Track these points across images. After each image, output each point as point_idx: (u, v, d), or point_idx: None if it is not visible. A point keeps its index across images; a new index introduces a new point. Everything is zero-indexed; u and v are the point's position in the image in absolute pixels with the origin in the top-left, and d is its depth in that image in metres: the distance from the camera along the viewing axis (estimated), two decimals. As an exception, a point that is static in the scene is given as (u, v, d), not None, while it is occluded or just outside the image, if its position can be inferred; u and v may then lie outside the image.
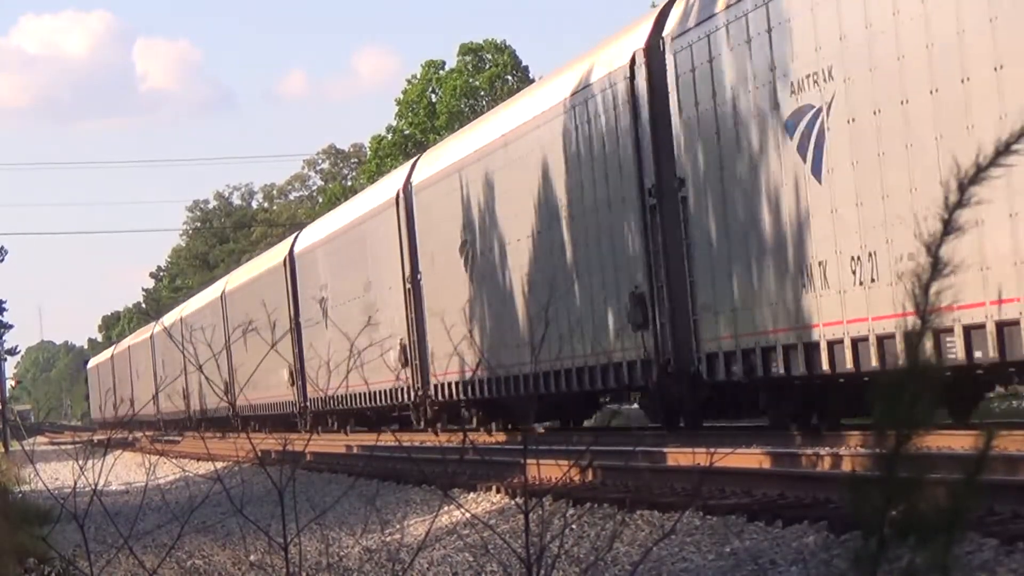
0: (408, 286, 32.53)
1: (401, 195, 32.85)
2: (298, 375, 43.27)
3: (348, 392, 34.71)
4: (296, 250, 44.03)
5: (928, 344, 2.12)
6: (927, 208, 14.43)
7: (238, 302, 51.60)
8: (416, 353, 32.36)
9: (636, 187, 21.54)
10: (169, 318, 68.77)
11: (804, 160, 17.25)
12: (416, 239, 32.19)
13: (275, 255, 48.73)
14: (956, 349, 14.60)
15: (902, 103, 15.41)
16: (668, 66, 20.44)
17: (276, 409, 46.62)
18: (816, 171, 17.05)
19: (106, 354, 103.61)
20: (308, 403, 42.63)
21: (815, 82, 16.87)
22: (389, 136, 78.07)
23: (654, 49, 20.99)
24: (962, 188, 1.92)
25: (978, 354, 14.44)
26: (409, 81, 78.18)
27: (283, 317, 42.21)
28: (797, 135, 17.33)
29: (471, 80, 75.42)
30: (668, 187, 20.68)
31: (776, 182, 17.89)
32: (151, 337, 72.28)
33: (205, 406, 58.64)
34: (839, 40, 16.39)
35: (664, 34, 20.65)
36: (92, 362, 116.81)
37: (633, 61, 21.45)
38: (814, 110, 16.96)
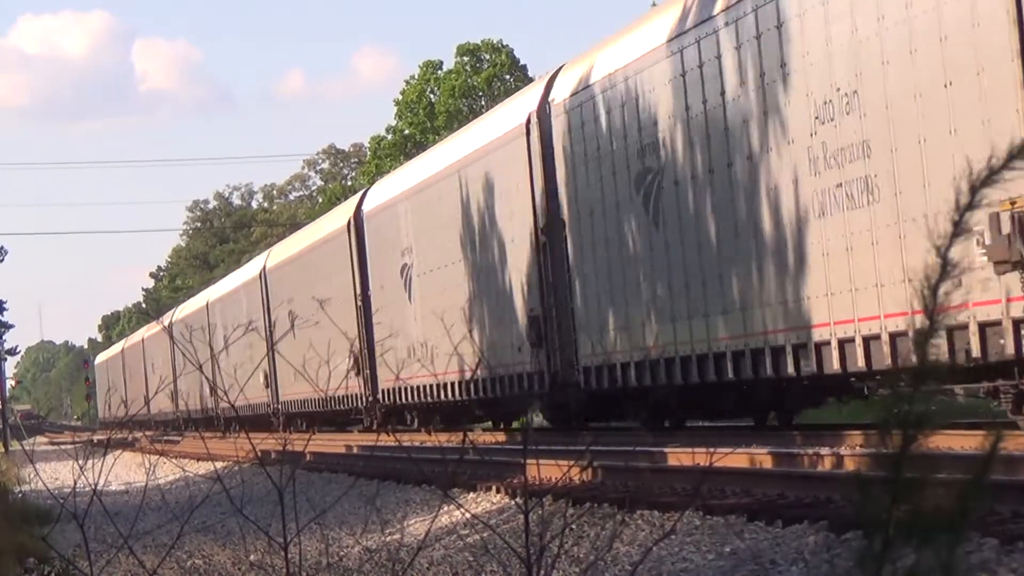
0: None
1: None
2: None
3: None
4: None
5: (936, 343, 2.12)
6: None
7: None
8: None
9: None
10: (191, 304, 65.58)
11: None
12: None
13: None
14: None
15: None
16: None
17: (333, 404, 40.74)
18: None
19: (116, 348, 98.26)
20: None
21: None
22: (389, 136, 78.08)
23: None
24: (974, 190, 1.92)
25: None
26: (407, 82, 78.21)
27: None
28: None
29: (469, 80, 75.43)
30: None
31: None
32: (169, 326, 67.71)
33: (233, 402, 54.12)
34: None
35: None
36: (100, 358, 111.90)
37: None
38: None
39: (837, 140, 17.04)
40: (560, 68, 26.42)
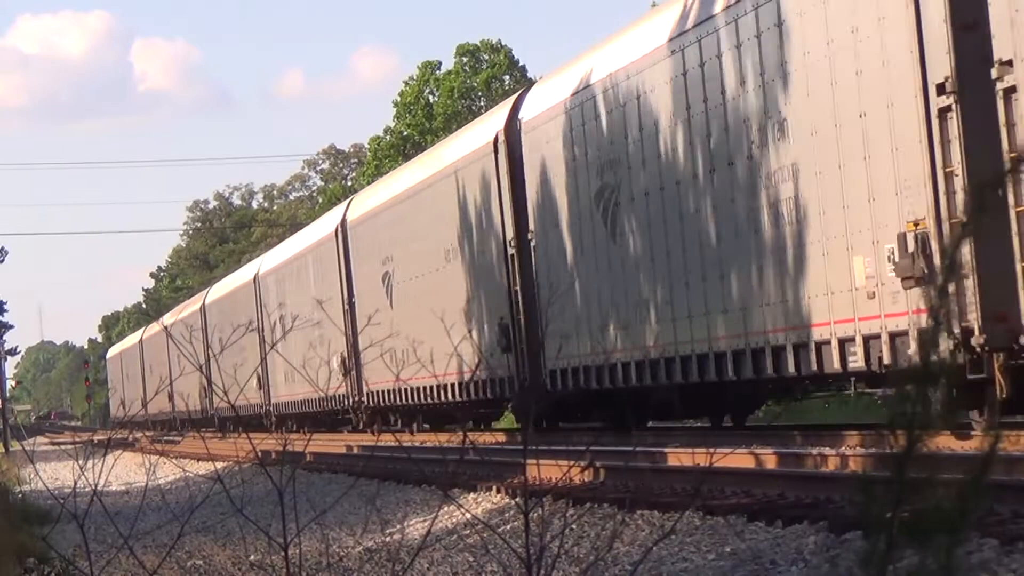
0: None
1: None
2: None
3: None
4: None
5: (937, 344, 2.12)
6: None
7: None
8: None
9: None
10: (225, 285, 59.70)
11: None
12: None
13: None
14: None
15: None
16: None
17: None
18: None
19: (133, 339, 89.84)
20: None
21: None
22: (388, 137, 78.07)
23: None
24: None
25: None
26: (406, 82, 78.19)
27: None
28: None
29: (468, 81, 75.41)
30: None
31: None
32: (201, 309, 60.82)
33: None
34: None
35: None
36: (112, 351, 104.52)
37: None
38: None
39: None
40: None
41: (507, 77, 75.39)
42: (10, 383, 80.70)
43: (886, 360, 16.25)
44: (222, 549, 15.06)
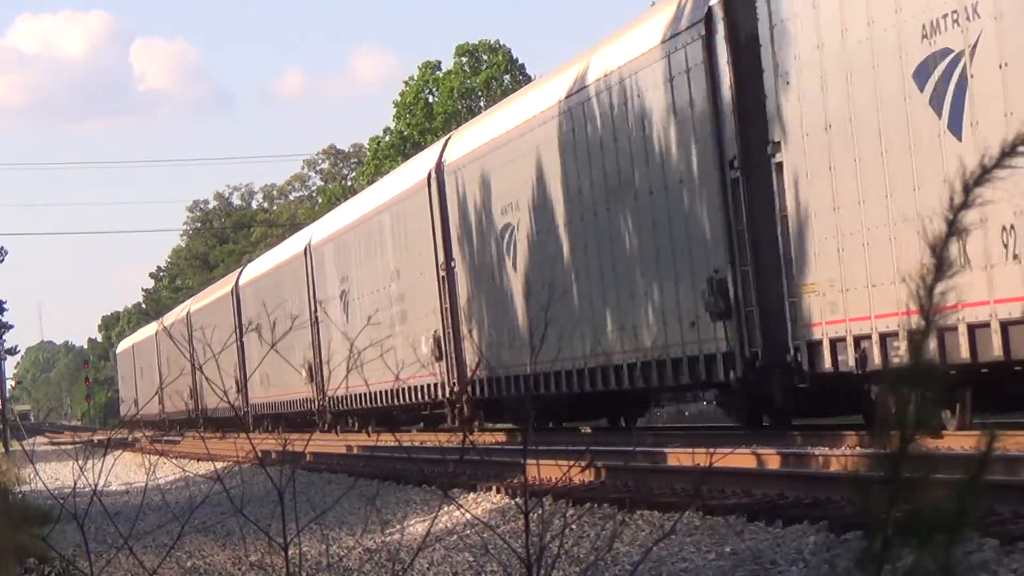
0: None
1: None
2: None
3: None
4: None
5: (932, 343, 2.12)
6: None
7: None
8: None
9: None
10: (263, 263, 53.64)
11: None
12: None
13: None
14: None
15: None
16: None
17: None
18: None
19: (148, 330, 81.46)
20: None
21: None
22: (387, 138, 78.08)
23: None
24: (967, 190, 1.92)
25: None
26: (406, 83, 78.21)
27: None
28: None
29: (467, 81, 75.43)
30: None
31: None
32: (233, 291, 54.60)
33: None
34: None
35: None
36: (123, 344, 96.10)
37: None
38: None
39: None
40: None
41: (506, 77, 75.42)
42: (10, 383, 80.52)
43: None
44: (222, 549, 15.06)
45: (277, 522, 6.69)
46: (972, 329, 14.76)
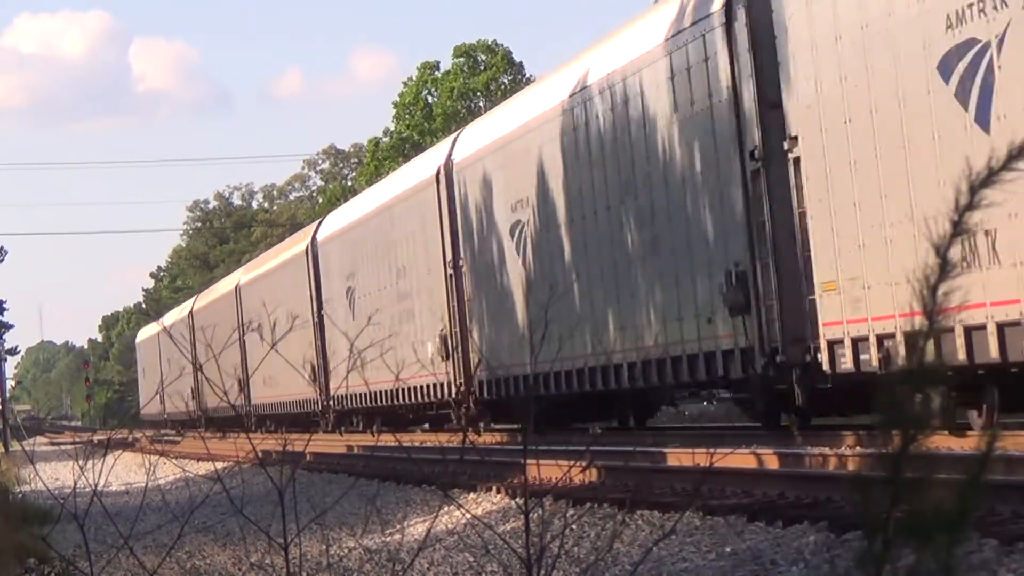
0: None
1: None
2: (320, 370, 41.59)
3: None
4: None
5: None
6: None
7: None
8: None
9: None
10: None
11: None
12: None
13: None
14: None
15: None
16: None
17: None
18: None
19: (173, 315, 74.15)
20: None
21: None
22: (386, 139, 78.08)
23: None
24: (973, 191, 1.91)
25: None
26: (405, 83, 78.20)
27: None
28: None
29: (466, 82, 75.41)
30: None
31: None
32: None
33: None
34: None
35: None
36: (142, 334, 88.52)
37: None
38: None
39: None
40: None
41: (506, 78, 75.39)
42: (10, 383, 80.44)
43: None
44: (222, 549, 15.06)
45: (277, 522, 6.69)
46: (1001, 328, 14.29)
